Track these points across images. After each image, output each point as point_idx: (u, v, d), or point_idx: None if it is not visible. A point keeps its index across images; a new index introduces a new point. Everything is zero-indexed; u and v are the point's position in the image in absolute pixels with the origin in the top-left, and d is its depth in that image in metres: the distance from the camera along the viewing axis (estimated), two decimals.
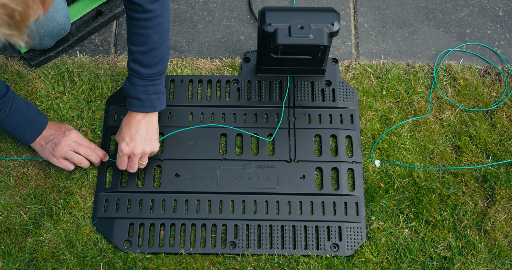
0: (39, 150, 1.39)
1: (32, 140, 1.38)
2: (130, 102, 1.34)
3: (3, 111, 1.31)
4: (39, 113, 1.38)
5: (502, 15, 1.67)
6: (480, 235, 1.38)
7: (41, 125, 1.37)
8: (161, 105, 1.35)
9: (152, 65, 1.30)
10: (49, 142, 1.38)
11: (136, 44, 1.27)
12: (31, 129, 1.36)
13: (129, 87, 1.33)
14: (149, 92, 1.32)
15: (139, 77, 1.31)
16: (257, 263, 1.35)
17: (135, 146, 1.34)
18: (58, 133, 1.38)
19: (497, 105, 1.53)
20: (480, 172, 1.45)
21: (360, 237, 1.37)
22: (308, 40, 1.32)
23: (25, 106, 1.35)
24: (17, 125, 1.34)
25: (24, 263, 1.35)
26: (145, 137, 1.34)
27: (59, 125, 1.41)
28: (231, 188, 1.42)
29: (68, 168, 1.39)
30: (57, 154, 1.37)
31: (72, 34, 1.58)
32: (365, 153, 1.47)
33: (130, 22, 1.26)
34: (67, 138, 1.37)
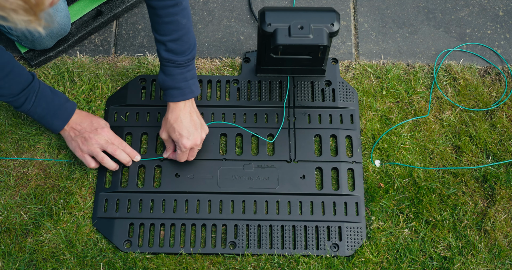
0: (67, 140, 1.39)
1: (60, 128, 1.36)
2: (169, 93, 1.34)
3: (29, 100, 1.30)
4: (66, 100, 1.37)
5: (502, 15, 1.67)
6: (480, 235, 1.38)
7: (68, 113, 1.36)
8: (198, 89, 1.36)
9: (186, 50, 1.30)
10: (79, 135, 1.37)
11: (166, 33, 1.27)
12: (59, 117, 1.35)
13: (166, 79, 1.33)
14: (187, 78, 1.33)
15: (175, 65, 1.31)
16: (257, 263, 1.35)
17: (196, 138, 1.36)
18: (90, 129, 1.37)
19: (497, 105, 1.53)
20: (480, 172, 1.45)
21: (360, 237, 1.37)
22: (308, 40, 1.32)
23: (52, 94, 1.34)
24: (44, 114, 1.33)
25: (24, 263, 1.35)
26: (198, 125, 1.36)
27: (92, 119, 1.39)
28: (231, 188, 1.42)
29: (89, 165, 1.38)
30: (84, 149, 1.37)
31: (72, 34, 1.58)
32: (365, 153, 1.47)
33: (157, 13, 1.26)
34: (98, 136, 1.37)
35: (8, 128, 1.49)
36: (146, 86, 1.53)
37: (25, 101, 1.30)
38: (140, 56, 1.60)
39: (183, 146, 1.35)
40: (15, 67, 1.28)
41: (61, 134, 1.39)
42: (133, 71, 1.56)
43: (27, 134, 1.48)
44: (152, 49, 1.61)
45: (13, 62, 1.28)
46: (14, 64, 1.28)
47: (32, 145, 1.47)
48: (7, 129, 1.49)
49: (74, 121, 1.37)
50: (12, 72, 1.27)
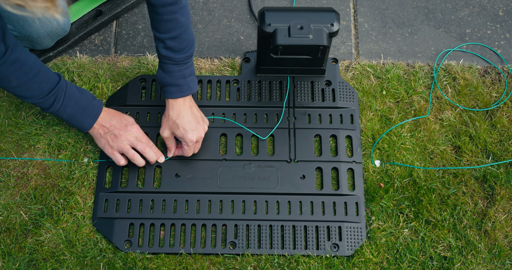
0: (97, 138, 1.39)
1: (90, 127, 1.36)
2: (167, 90, 1.34)
3: (58, 100, 1.30)
4: (93, 98, 1.37)
5: (502, 15, 1.67)
6: (480, 235, 1.38)
7: (96, 110, 1.36)
8: (196, 86, 1.37)
9: (184, 48, 1.31)
10: (108, 132, 1.37)
11: (165, 31, 1.28)
12: (88, 116, 1.35)
13: (164, 76, 1.33)
14: (185, 76, 1.34)
15: (173, 63, 1.31)
16: (257, 263, 1.35)
17: (199, 130, 1.37)
18: (120, 126, 1.37)
19: (497, 105, 1.53)
20: (480, 172, 1.45)
21: (360, 237, 1.37)
22: (307, 40, 1.32)
23: (79, 92, 1.34)
24: (73, 113, 1.33)
25: (24, 263, 1.35)
26: (199, 118, 1.38)
27: (120, 116, 1.40)
28: (231, 188, 1.42)
29: (119, 162, 1.38)
30: (114, 146, 1.37)
31: (72, 34, 1.58)
32: (365, 153, 1.47)
33: (156, 11, 1.26)
34: (128, 133, 1.37)
35: (8, 128, 1.49)
36: (146, 86, 1.53)
37: (54, 101, 1.30)
38: (140, 56, 1.60)
39: (189, 140, 1.36)
40: (42, 67, 1.28)
41: (90, 132, 1.39)
42: (133, 71, 1.56)
43: (27, 134, 1.48)
44: (152, 49, 1.61)
45: (39, 62, 1.28)
46: (41, 64, 1.28)
47: (32, 145, 1.47)
48: (7, 129, 1.49)
49: (103, 119, 1.37)
50: (40, 72, 1.27)
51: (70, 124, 1.37)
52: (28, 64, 1.25)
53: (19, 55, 1.22)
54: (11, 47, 1.20)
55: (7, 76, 1.23)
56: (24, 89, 1.27)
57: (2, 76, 1.23)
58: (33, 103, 1.30)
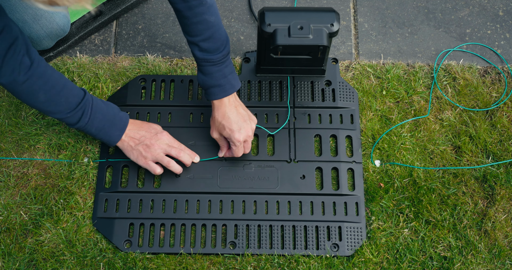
0: (128, 150, 1.37)
1: (118, 139, 1.35)
2: (211, 92, 1.34)
3: (86, 113, 1.29)
4: (119, 110, 1.36)
5: (502, 15, 1.67)
6: (480, 235, 1.38)
7: (123, 122, 1.35)
8: (238, 83, 1.35)
9: (219, 47, 1.30)
10: (140, 143, 1.36)
11: (197, 34, 1.28)
12: (116, 127, 1.34)
13: (205, 78, 1.33)
14: (226, 74, 1.33)
15: (212, 64, 1.30)
16: (257, 263, 1.35)
17: (247, 129, 1.36)
18: (150, 135, 1.37)
19: (497, 105, 1.53)
20: (480, 172, 1.45)
21: (360, 237, 1.37)
22: (307, 40, 1.32)
23: (105, 105, 1.34)
24: (101, 126, 1.32)
25: (24, 263, 1.35)
26: (246, 117, 1.37)
27: (148, 126, 1.39)
28: (231, 188, 1.42)
29: (155, 171, 1.37)
30: (148, 156, 1.36)
31: (72, 34, 1.58)
32: (365, 153, 1.47)
33: (184, 15, 1.26)
34: (160, 141, 1.37)
35: (8, 128, 1.49)
36: (146, 86, 1.53)
37: (82, 114, 1.29)
38: (140, 56, 1.60)
39: (237, 140, 1.35)
40: (67, 81, 1.27)
41: (119, 146, 1.38)
42: (133, 71, 1.57)
43: (27, 134, 1.48)
44: (152, 49, 1.61)
45: (64, 77, 1.28)
46: (66, 78, 1.28)
47: (32, 145, 1.47)
48: (7, 129, 1.49)
49: (131, 130, 1.36)
50: (66, 86, 1.26)
51: (97, 138, 1.35)
52: (54, 78, 1.24)
53: (45, 69, 1.22)
54: (36, 61, 1.20)
55: (35, 91, 1.22)
56: (52, 103, 1.25)
57: (30, 90, 1.22)
58: (61, 119, 1.29)
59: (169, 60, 1.60)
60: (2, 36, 1.12)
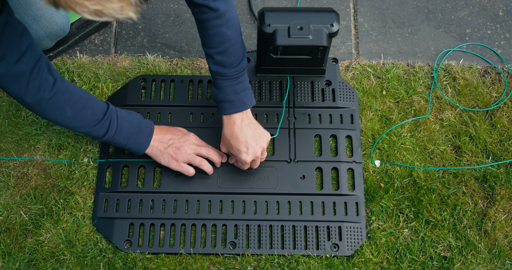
0: (157, 155, 1.37)
1: (147, 145, 1.35)
2: (221, 107, 1.33)
3: (113, 123, 1.29)
4: (142, 117, 1.36)
5: (502, 15, 1.67)
6: (480, 235, 1.38)
7: (150, 128, 1.35)
8: (251, 101, 1.33)
9: (233, 62, 1.29)
10: (169, 146, 1.36)
11: (213, 46, 1.27)
12: (144, 134, 1.34)
13: (217, 92, 1.32)
14: (238, 91, 1.31)
15: (224, 78, 1.30)
16: (257, 263, 1.35)
17: (255, 151, 1.33)
18: (178, 137, 1.37)
19: (497, 105, 1.53)
20: (480, 172, 1.45)
21: (360, 237, 1.37)
22: (307, 41, 1.31)
23: (128, 114, 1.33)
24: (130, 134, 1.32)
25: (24, 263, 1.35)
26: (255, 137, 1.33)
27: (173, 129, 1.40)
28: (231, 188, 1.42)
29: (188, 172, 1.37)
30: (180, 158, 1.36)
31: (72, 34, 1.58)
32: (365, 153, 1.47)
33: (203, 26, 1.26)
34: (188, 142, 1.37)
35: (8, 128, 1.49)
36: (146, 86, 1.53)
37: (109, 125, 1.28)
38: (140, 56, 1.60)
39: (243, 161, 1.34)
40: (90, 95, 1.28)
41: (149, 152, 1.37)
42: (133, 71, 1.57)
43: (27, 134, 1.48)
44: (152, 49, 1.61)
45: (86, 91, 1.28)
46: (88, 93, 1.28)
47: (32, 145, 1.47)
48: (7, 129, 1.49)
49: (158, 135, 1.37)
50: (90, 99, 1.27)
51: (126, 148, 1.35)
52: (78, 93, 1.24)
53: (68, 85, 1.23)
54: (58, 77, 1.21)
55: (61, 106, 1.22)
56: (79, 117, 1.26)
57: (56, 106, 1.22)
58: (88, 132, 1.28)
59: (169, 60, 1.60)
60: (28, 55, 1.13)
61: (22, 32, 1.11)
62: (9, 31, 1.08)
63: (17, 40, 1.10)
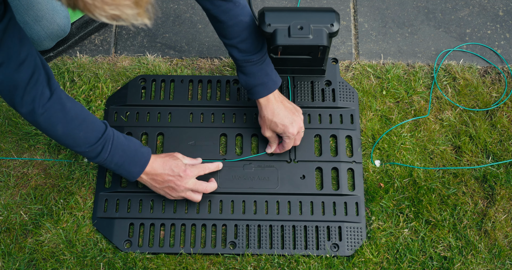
0: (152, 187, 1.34)
1: (138, 175, 1.30)
2: (255, 91, 1.34)
3: (106, 149, 1.24)
4: (140, 145, 1.31)
5: (502, 15, 1.67)
6: (480, 235, 1.38)
7: (145, 159, 1.30)
8: (279, 78, 1.37)
9: (258, 47, 1.31)
10: (164, 186, 1.33)
11: (234, 36, 1.28)
12: (136, 164, 1.29)
13: (248, 78, 1.33)
14: (268, 72, 1.34)
15: (253, 63, 1.31)
16: (257, 263, 1.35)
17: (298, 122, 1.37)
18: (174, 178, 1.32)
19: (497, 105, 1.53)
20: (480, 172, 1.45)
21: (360, 237, 1.37)
22: (307, 40, 1.31)
23: (126, 141, 1.29)
24: (121, 162, 1.27)
25: (24, 263, 1.35)
26: (293, 109, 1.38)
27: (169, 164, 1.32)
28: (231, 188, 1.42)
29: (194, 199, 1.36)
30: (175, 196, 1.35)
31: (72, 35, 1.58)
32: (365, 153, 1.47)
33: (220, 20, 1.27)
34: (185, 182, 1.33)
35: (8, 128, 1.49)
36: (146, 86, 1.53)
37: (101, 150, 1.24)
38: (140, 56, 1.60)
39: (292, 134, 1.36)
40: (88, 115, 1.24)
41: (140, 181, 1.34)
42: (133, 71, 1.57)
43: (27, 134, 1.48)
44: (152, 49, 1.61)
45: (85, 110, 1.24)
46: (87, 112, 1.24)
47: (32, 145, 1.47)
48: (7, 129, 1.49)
49: (154, 168, 1.31)
50: (86, 120, 1.22)
51: (117, 173, 1.31)
52: (74, 111, 1.20)
53: (65, 101, 1.19)
54: (56, 92, 1.17)
55: (53, 123, 1.19)
56: (70, 137, 1.21)
57: (48, 122, 1.18)
58: (79, 152, 1.25)
59: (169, 60, 1.60)
60: (25, 65, 1.11)
61: (21, 39, 1.09)
62: (8, 38, 1.07)
63: (16, 48, 1.09)
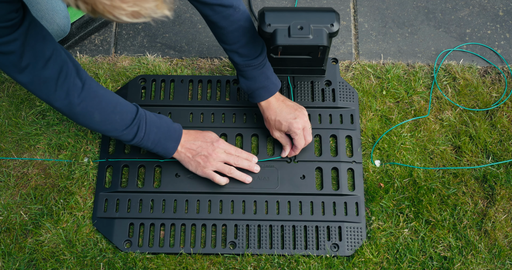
0: (186, 162, 1.37)
1: (174, 150, 1.34)
2: (257, 95, 1.35)
3: (141, 128, 1.28)
4: (171, 122, 1.35)
5: (502, 15, 1.67)
6: (480, 235, 1.38)
7: (178, 133, 1.34)
8: (279, 81, 1.38)
9: (258, 50, 1.32)
10: (197, 154, 1.36)
11: (235, 41, 1.29)
12: (171, 139, 1.33)
13: (249, 82, 1.34)
14: (269, 75, 1.35)
15: (253, 68, 1.32)
16: (257, 263, 1.35)
17: (301, 117, 1.37)
18: (206, 145, 1.36)
19: (497, 105, 1.53)
20: (480, 172, 1.45)
21: (360, 237, 1.37)
22: (307, 40, 1.31)
23: (157, 118, 1.32)
24: (157, 139, 1.31)
25: (24, 263, 1.35)
26: (295, 106, 1.39)
27: (203, 135, 1.38)
28: (231, 188, 1.42)
29: (220, 181, 1.38)
30: (208, 167, 1.36)
31: (72, 34, 1.58)
32: (365, 153, 1.47)
33: (220, 26, 1.27)
34: (217, 150, 1.37)
35: (8, 128, 1.49)
36: (146, 86, 1.53)
37: (137, 130, 1.27)
38: (140, 56, 1.60)
39: (297, 128, 1.37)
40: (119, 99, 1.27)
41: (176, 157, 1.37)
42: (133, 71, 1.57)
43: (27, 134, 1.48)
44: (152, 49, 1.61)
45: (115, 94, 1.27)
46: (117, 96, 1.27)
47: (32, 145, 1.47)
48: (7, 129, 1.49)
49: (187, 141, 1.36)
50: (119, 104, 1.25)
51: (154, 151, 1.34)
52: (106, 97, 1.23)
53: (96, 89, 1.21)
54: (87, 82, 1.19)
55: (90, 112, 1.21)
56: (108, 122, 1.24)
57: (85, 111, 1.21)
58: (117, 136, 1.27)
59: (169, 60, 1.60)
60: (53, 61, 1.12)
61: (44, 37, 1.11)
62: (32, 39, 1.08)
63: (40, 46, 1.10)
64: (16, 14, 1.02)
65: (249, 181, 1.40)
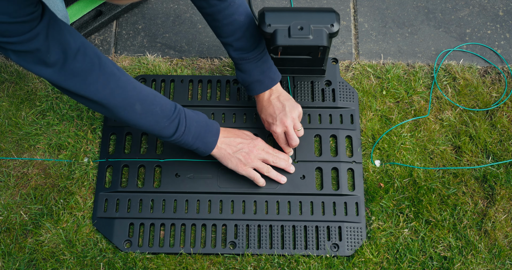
0: (225, 158, 1.35)
1: (214, 145, 1.32)
2: (251, 88, 1.35)
3: (182, 122, 1.25)
4: (207, 117, 1.34)
5: (502, 15, 1.67)
6: (480, 235, 1.38)
7: (216, 128, 1.33)
8: (278, 76, 1.37)
9: (253, 44, 1.32)
10: (238, 150, 1.34)
11: (229, 34, 1.29)
12: (211, 133, 1.31)
13: (244, 76, 1.34)
14: (264, 70, 1.34)
15: (248, 61, 1.32)
16: (257, 263, 1.35)
17: (282, 120, 1.35)
18: (247, 142, 1.36)
19: (497, 105, 1.53)
20: (480, 172, 1.45)
21: (360, 237, 1.37)
22: (307, 41, 1.31)
23: (194, 113, 1.30)
24: (198, 133, 1.28)
25: (24, 263, 1.35)
26: (284, 108, 1.36)
27: (241, 132, 1.38)
28: (231, 188, 1.42)
29: (258, 181, 1.37)
30: (249, 164, 1.35)
31: None
32: (365, 153, 1.47)
33: (214, 18, 1.27)
34: (257, 148, 1.36)
35: (8, 128, 1.49)
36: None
37: (178, 123, 1.25)
38: (140, 56, 1.60)
39: (274, 131, 1.37)
40: (156, 91, 1.25)
41: (215, 153, 1.34)
42: (133, 71, 1.57)
43: (27, 134, 1.48)
44: (152, 49, 1.61)
45: (151, 88, 1.26)
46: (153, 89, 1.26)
47: (32, 145, 1.47)
48: (7, 129, 1.49)
49: (226, 137, 1.34)
50: (157, 95, 1.23)
51: (193, 148, 1.31)
52: (144, 88, 1.21)
53: (133, 80, 1.20)
54: (123, 73, 1.18)
55: (131, 103, 1.18)
56: (149, 114, 1.21)
57: (127, 103, 1.18)
58: (158, 130, 1.24)
59: (169, 60, 1.60)
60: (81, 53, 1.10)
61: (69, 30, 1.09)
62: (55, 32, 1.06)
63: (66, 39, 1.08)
64: (35, 8, 1.01)
65: (284, 182, 1.40)
